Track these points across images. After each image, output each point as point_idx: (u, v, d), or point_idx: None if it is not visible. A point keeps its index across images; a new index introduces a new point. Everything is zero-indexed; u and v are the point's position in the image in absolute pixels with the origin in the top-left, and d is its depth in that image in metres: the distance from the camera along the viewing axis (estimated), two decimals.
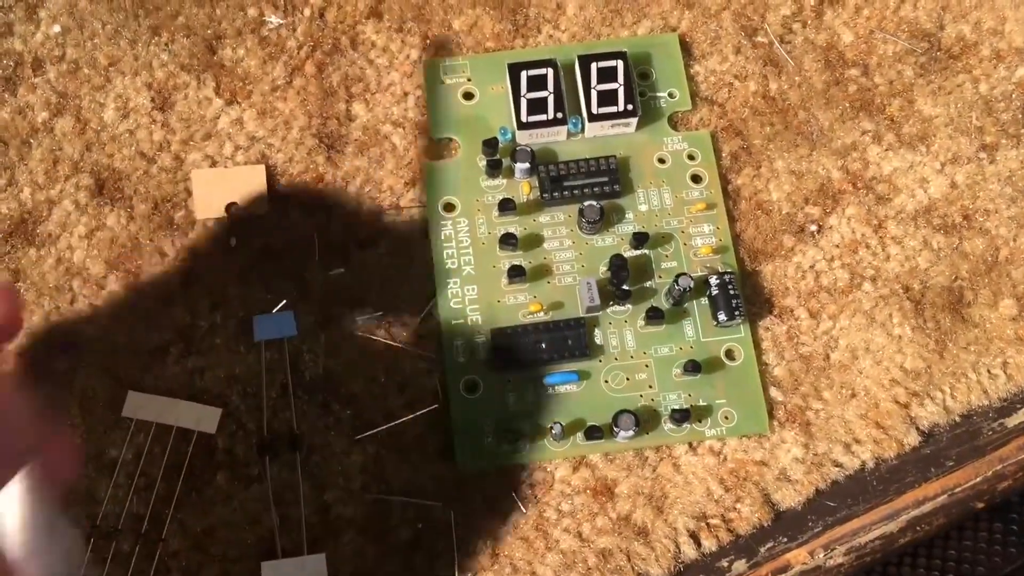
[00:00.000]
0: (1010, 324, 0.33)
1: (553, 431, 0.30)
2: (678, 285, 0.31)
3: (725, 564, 0.31)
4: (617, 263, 0.32)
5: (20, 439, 0.22)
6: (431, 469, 0.31)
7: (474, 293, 0.32)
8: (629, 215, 0.33)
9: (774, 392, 0.32)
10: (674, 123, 0.35)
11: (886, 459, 0.32)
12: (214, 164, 0.33)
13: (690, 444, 0.31)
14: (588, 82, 0.34)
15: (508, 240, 0.32)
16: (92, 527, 0.29)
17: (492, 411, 0.31)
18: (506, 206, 0.33)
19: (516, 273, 0.32)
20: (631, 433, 0.30)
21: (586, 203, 0.32)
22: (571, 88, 0.34)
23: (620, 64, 0.34)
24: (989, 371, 0.32)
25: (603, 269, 0.33)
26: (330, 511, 0.30)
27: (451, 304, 0.32)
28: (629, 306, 0.32)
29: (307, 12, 0.35)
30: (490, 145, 0.33)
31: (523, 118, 0.33)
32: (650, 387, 0.32)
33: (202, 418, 0.31)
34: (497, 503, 0.31)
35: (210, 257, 0.32)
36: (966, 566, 0.46)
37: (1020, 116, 0.35)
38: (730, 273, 0.32)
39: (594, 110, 0.34)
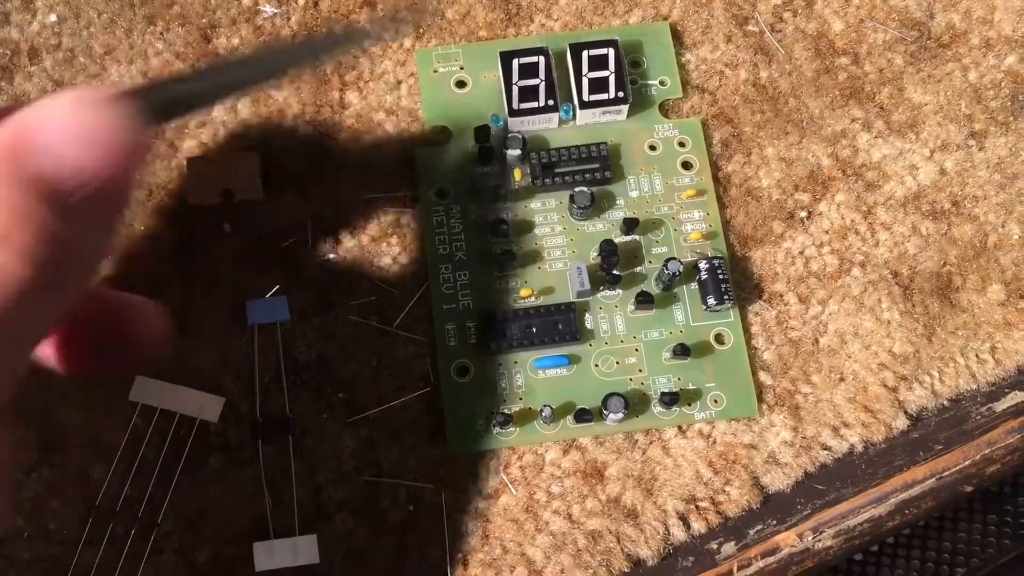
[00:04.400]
0: (998, 309, 0.33)
1: (543, 414, 0.31)
2: (668, 270, 0.32)
3: (714, 546, 0.31)
4: (608, 248, 0.32)
5: None
6: (422, 452, 0.31)
7: (466, 278, 0.32)
8: (620, 201, 0.34)
9: (763, 376, 0.32)
10: (665, 111, 0.35)
11: (874, 443, 0.32)
12: (208, 151, 0.34)
13: (680, 427, 0.32)
14: (579, 70, 0.34)
15: (499, 226, 0.32)
16: (90, 509, 0.30)
17: (483, 395, 0.31)
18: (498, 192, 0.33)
19: (507, 258, 0.32)
20: (620, 416, 0.31)
21: (577, 189, 0.33)
22: (563, 76, 0.34)
23: (611, 52, 0.34)
24: (977, 355, 0.33)
25: (594, 254, 0.33)
26: (322, 493, 0.30)
27: (443, 289, 0.32)
28: (619, 291, 0.32)
29: (301, 1, 0.35)
30: (482, 132, 0.33)
31: (515, 105, 0.34)
32: (640, 371, 0.32)
33: (204, 407, 0.31)
34: (488, 485, 0.31)
35: (204, 243, 0.33)
36: (960, 557, 0.46)
37: (1009, 104, 0.35)
38: (719, 258, 0.32)
39: (585, 97, 0.34)
